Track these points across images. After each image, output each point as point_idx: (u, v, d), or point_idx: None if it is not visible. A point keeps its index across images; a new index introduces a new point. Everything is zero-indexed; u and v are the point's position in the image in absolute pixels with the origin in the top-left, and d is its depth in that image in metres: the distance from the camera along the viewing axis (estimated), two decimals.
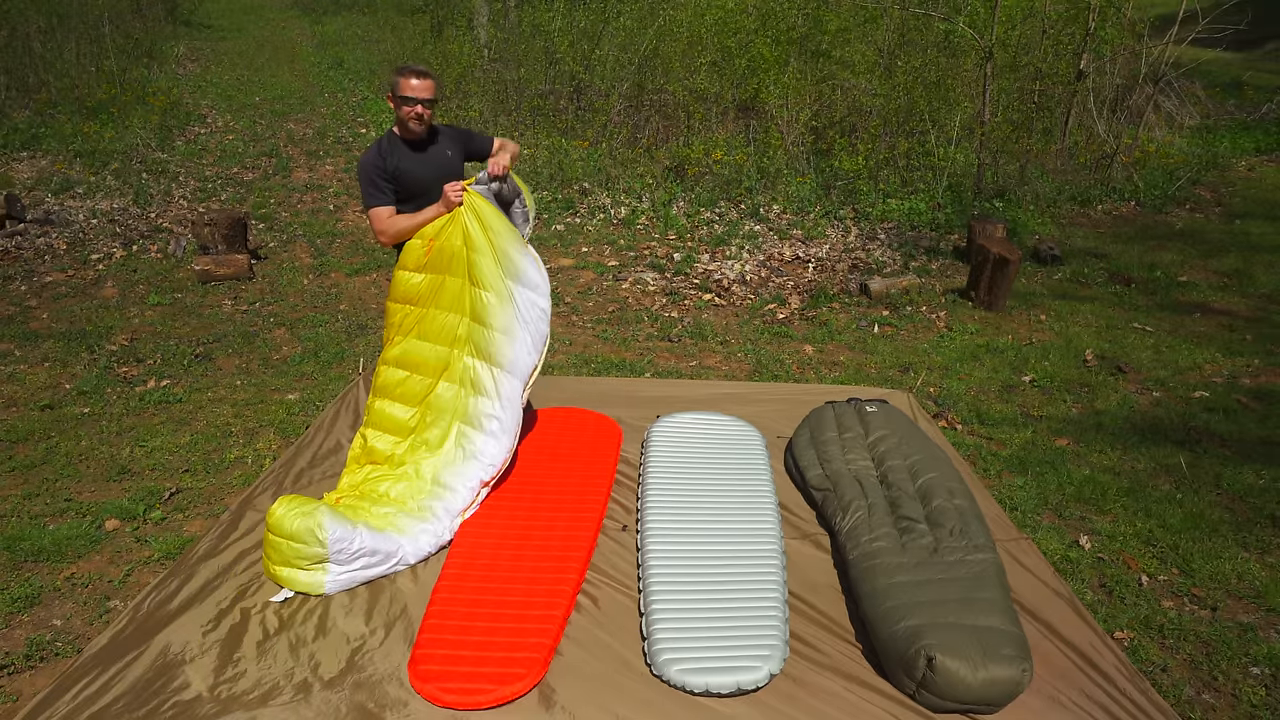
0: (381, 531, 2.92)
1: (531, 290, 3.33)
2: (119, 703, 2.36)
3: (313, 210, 8.16)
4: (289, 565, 2.78)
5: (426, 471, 3.22)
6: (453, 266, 3.38)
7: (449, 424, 3.32)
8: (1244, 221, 8.36)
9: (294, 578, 2.78)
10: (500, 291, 3.29)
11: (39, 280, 6.24)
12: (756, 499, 3.35)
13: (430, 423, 3.34)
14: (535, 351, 3.34)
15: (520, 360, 3.30)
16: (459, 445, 3.28)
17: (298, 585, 2.78)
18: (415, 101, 3.27)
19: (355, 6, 21.30)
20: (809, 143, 9.47)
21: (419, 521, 3.05)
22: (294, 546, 2.74)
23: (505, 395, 3.28)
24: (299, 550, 2.75)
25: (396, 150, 3.37)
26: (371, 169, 3.34)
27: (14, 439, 4.18)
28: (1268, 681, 2.91)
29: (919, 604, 2.60)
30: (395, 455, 3.34)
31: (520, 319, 3.30)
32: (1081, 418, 4.73)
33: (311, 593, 2.78)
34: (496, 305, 3.28)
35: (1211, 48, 12.35)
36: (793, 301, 6.37)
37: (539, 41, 10.87)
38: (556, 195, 8.55)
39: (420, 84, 3.26)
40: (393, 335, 3.52)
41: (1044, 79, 9.49)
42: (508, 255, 3.31)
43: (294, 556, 2.76)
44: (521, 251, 3.34)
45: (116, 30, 12.76)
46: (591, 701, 2.41)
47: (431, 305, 3.43)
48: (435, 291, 3.42)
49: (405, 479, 3.21)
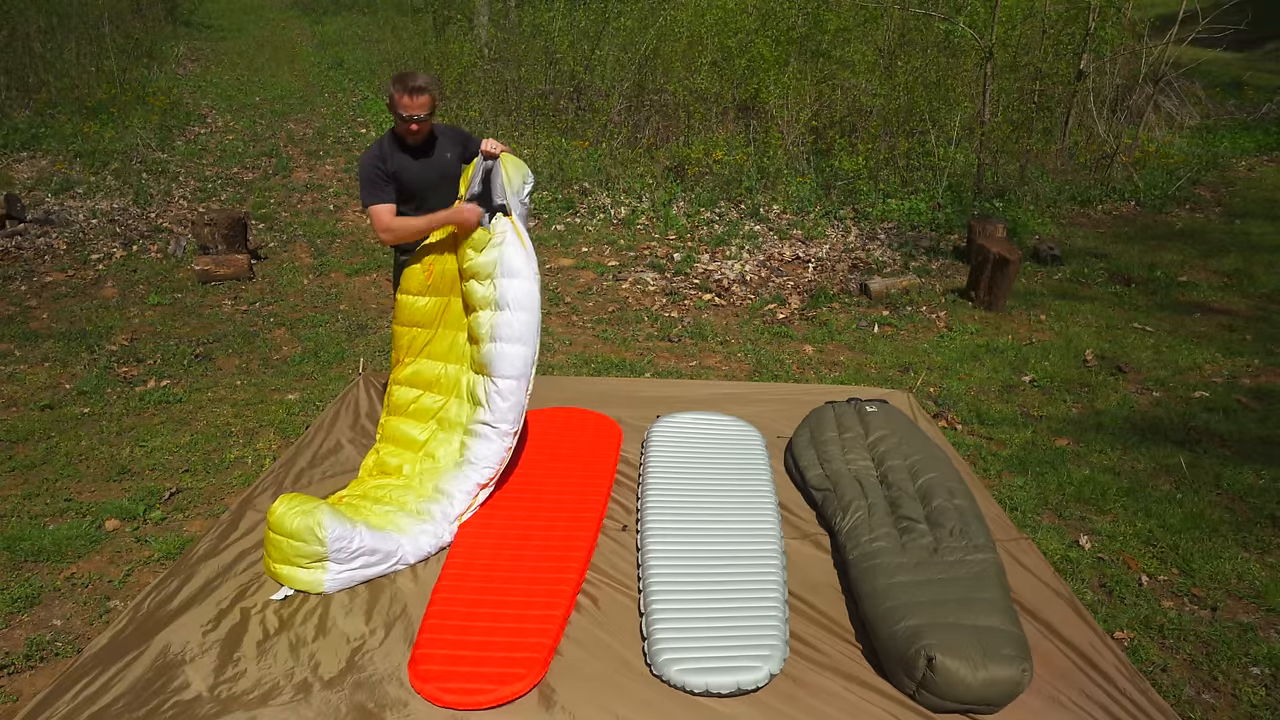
0: (381, 530, 2.92)
1: (516, 278, 3.27)
2: (119, 703, 2.36)
3: (313, 210, 8.16)
4: (289, 563, 2.78)
5: (429, 481, 3.26)
6: (455, 288, 3.45)
7: (457, 438, 3.35)
8: (1244, 221, 8.36)
9: (294, 575, 2.79)
10: (490, 304, 3.29)
11: (39, 280, 6.24)
12: (756, 499, 3.35)
13: (443, 440, 3.38)
14: (527, 343, 3.27)
15: (512, 357, 3.26)
16: (460, 454, 3.31)
17: (298, 583, 2.78)
18: (411, 120, 3.29)
19: (355, 6, 21.30)
20: (809, 143, 9.47)
21: (418, 522, 3.05)
22: (294, 545, 2.75)
23: (500, 398, 3.28)
24: (299, 549, 2.75)
25: (396, 153, 3.39)
26: (372, 168, 3.35)
27: (14, 439, 4.18)
28: (1268, 681, 2.91)
29: (919, 604, 2.60)
30: (406, 471, 3.37)
31: (509, 314, 3.26)
32: (1081, 418, 4.73)
33: (311, 591, 2.78)
34: (487, 320, 3.30)
35: (1211, 48, 12.35)
36: (793, 301, 6.37)
37: (539, 41, 10.87)
38: (556, 195, 8.55)
39: (416, 101, 3.26)
40: (402, 356, 3.60)
41: (1044, 79, 9.49)
42: (496, 262, 3.29)
43: (294, 555, 2.76)
44: (510, 243, 3.29)
45: (116, 30, 12.76)
46: (591, 701, 2.41)
47: (440, 325, 3.51)
48: (441, 312, 3.50)
49: (410, 488, 3.24)
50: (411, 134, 3.35)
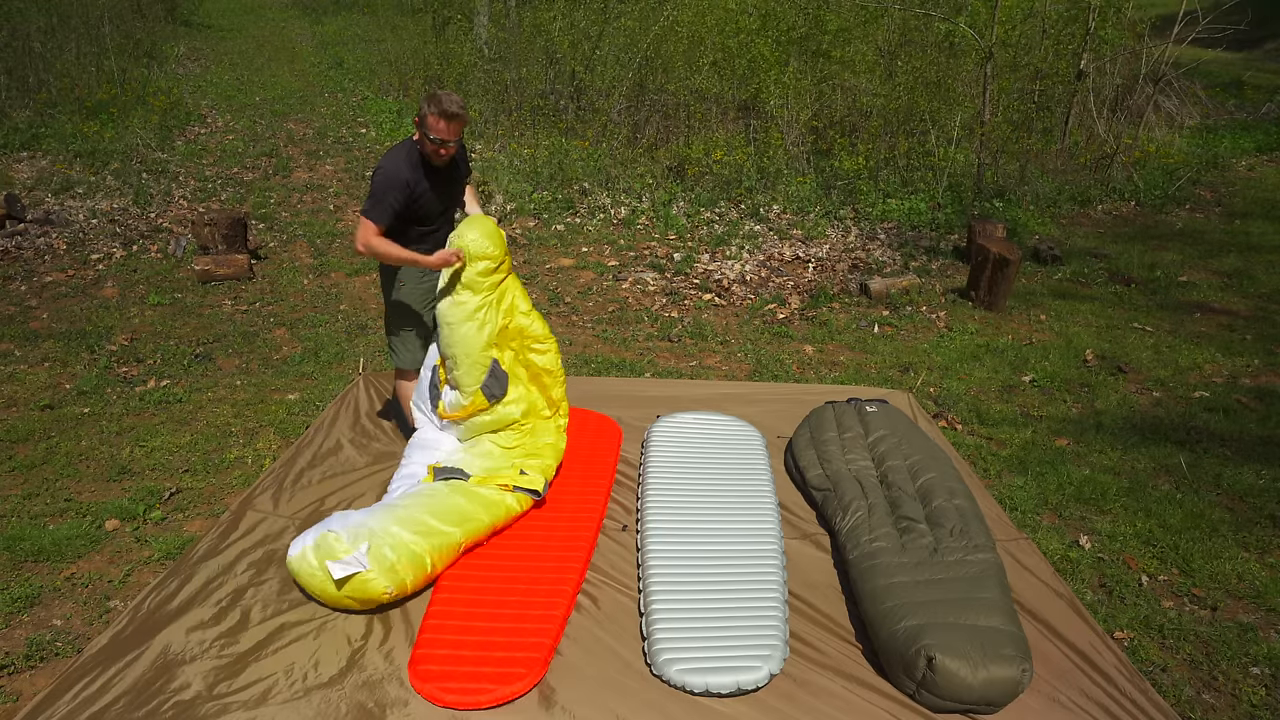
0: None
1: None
2: (119, 703, 2.36)
3: (313, 210, 8.16)
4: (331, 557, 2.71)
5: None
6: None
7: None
8: (1244, 221, 8.36)
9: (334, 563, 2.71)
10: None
11: (39, 280, 6.24)
12: (756, 499, 3.35)
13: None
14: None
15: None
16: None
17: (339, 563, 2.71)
18: (441, 144, 3.18)
19: (355, 6, 21.26)
20: (809, 143, 9.47)
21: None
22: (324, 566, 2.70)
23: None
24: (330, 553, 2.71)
25: (419, 169, 3.29)
26: (400, 185, 3.20)
27: (14, 439, 4.18)
28: (1268, 681, 2.91)
29: (919, 604, 2.60)
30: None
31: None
32: (1081, 418, 4.73)
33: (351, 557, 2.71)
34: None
35: (1211, 48, 12.35)
36: (793, 301, 6.37)
37: (539, 41, 10.86)
38: (556, 195, 8.55)
39: (451, 127, 3.14)
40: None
41: (1044, 79, 9.49)
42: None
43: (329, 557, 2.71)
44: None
45: (116, 30, 12.74)
46: (591, 701, 2.41)
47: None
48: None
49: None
50: (439, 157, 3.23)
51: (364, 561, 2.65)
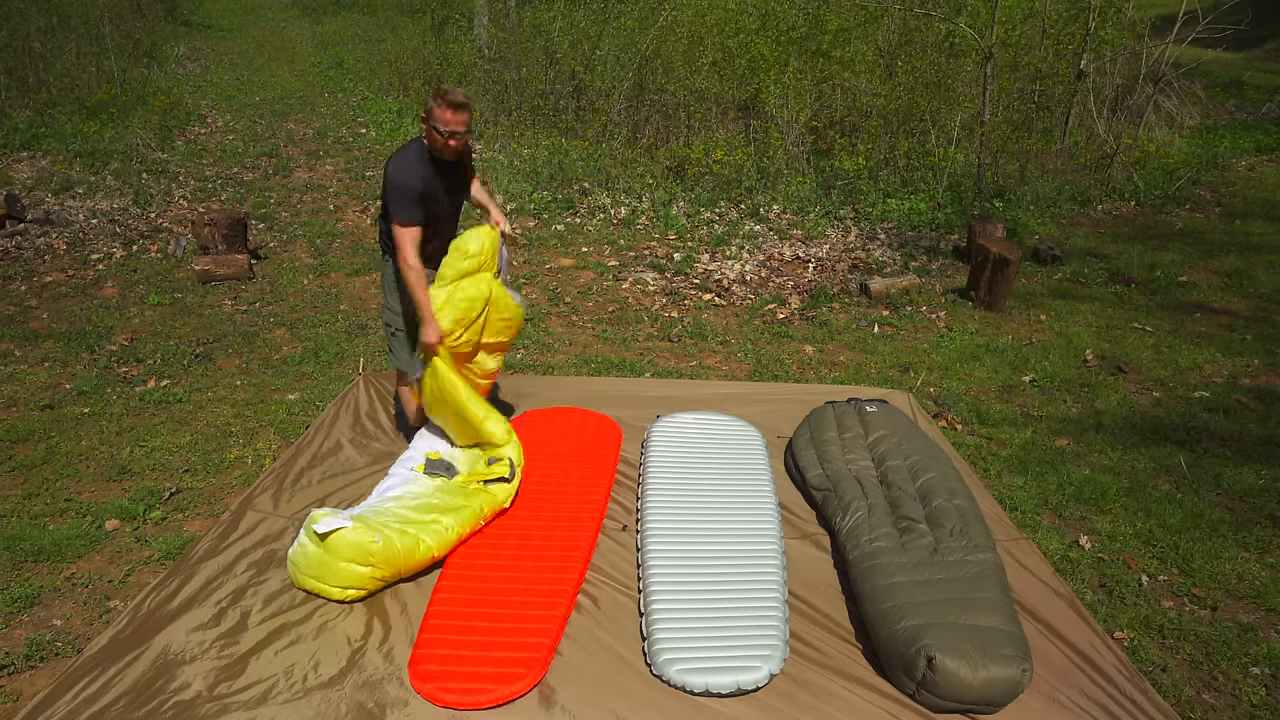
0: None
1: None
2: (119, 703, 2.36)
3: (313, 210, 8.16)
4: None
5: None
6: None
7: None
8: (1244, 221, 8.36)
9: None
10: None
11: (39, 280, 6.24)
12: (756, 499, 3.35)
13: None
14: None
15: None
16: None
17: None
18: (452, 135, 3.23)
19: (355, 6, 21.26)
20: (809, 143, 9.47)
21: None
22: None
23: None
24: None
25: (430, 166, 3.33)
26: (419, 184, 3.26)
27: (14, 439, 4.18)
28: (1268, 681, 2.91)
29: (919, 604, 2.60)
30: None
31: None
32: (1081, 418, 4.73)
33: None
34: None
35: (1211, 48, 12.34)
36: (793, 301, 6.37)
37: (539, 41, 10.86)
38: (556, 195, 8.55)
39: (458, 117, 3.21)
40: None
41: (1044, 79, 9.49)
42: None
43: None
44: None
45: (116, 30, 12.73)
46: (591, 701, 2.41)
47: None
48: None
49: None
50: (450, 150, 3.27)
51: (347, 521, 2.73)
